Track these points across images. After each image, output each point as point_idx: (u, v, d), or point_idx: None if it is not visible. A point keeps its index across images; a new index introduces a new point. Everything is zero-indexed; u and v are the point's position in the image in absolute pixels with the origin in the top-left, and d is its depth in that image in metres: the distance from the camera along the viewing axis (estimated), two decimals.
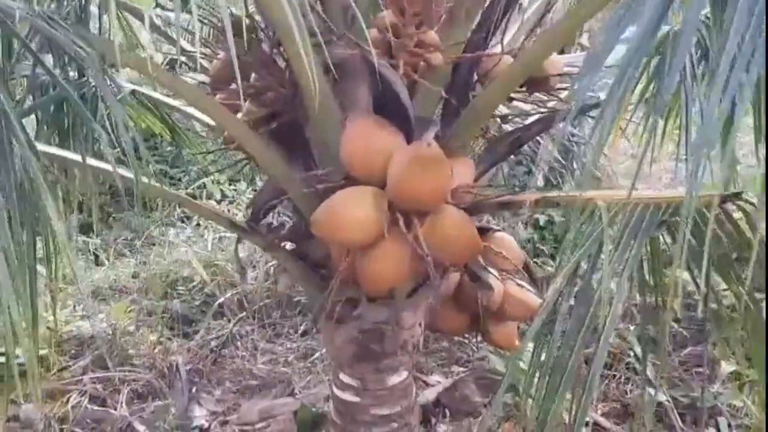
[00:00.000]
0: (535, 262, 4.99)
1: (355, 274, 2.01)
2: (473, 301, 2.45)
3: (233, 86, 2.29)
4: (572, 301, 1.62)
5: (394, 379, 2.53)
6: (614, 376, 3.64)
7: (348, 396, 2.57)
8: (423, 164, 1.74)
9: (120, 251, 5.31)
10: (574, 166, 3.85)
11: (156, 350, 3.64)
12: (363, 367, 2.48)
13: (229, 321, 4.25)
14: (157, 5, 3.03)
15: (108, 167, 2.25)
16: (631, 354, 3.57)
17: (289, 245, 2.46)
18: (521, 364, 3.04)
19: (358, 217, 1.82)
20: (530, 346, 3.56)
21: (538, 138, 3.05)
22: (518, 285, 2.52)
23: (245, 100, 2.19)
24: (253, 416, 3.06)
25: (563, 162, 4.06)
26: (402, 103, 1.91)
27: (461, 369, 3.67)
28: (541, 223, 5.67)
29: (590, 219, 1.60)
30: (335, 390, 2.60)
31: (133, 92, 2.94)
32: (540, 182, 5.61)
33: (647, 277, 1.77)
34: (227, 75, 2.27)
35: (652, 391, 2.75)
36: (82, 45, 1.38)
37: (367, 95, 2.15)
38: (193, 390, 3.50)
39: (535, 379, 1.78)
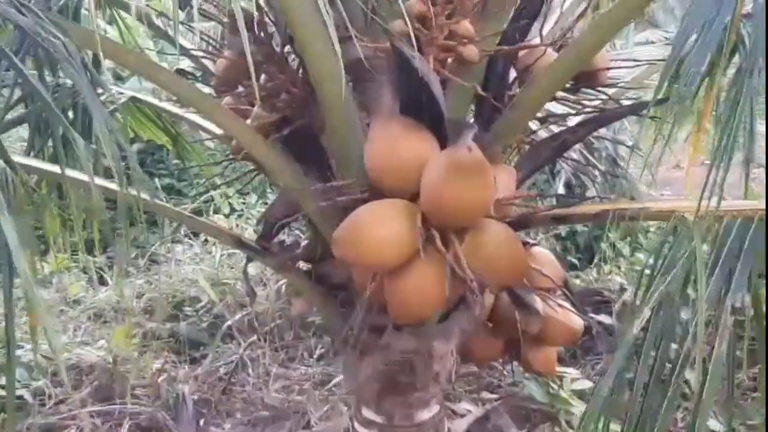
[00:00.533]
0: None
1: (380, 299, 1.75)
2: (510, 325, 2.19)
3: (240, 88, 2.03)
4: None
5: (425, 415, 2.26)
6: None
7: None
8: (463, 172, 1.48)
9: (125, 270, 5.06)
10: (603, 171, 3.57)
11: (160, 379, 3.38)
12: (390, 401, 2.21)
13: (240, 344, 3.98)
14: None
15: (109, 184, 2.01)
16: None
17: (304, 265, 2.19)
18: (562, 393, 2.75)
19: (388, 235, 1.56)
20: (568, 370, 3.30)
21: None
22: (560, 305, 2.27)
23: (253, 104, 1.94)
24: None
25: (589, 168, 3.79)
26: (434, 102, 1.65)
27: (491, 395, 3.39)
28: (563, 233, 5.38)
29: (675, 236, 1.33)
30: (356, 425, 2.33)
31: (133, 99, 2.69)
32: (560, 189, 5.33)
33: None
34: (234, 76, 2.02)
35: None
36: (56, 33, 1.13)
37: (392, 96, 1.90)
38: (201, 423, 3.23)
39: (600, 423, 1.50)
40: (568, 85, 2.05)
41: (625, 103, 2.24)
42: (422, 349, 2.10)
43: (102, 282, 5.09)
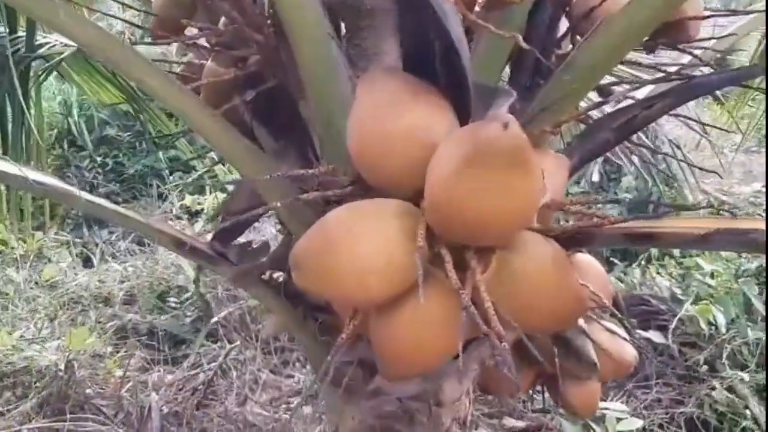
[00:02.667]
0: None
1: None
2: (545, 356, 1.66)
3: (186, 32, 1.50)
4: None
5: None
6: None
7: None
8: (494, 161, 0.92)
9: (112, 252, 4.59)
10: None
11: (126, 387, 2.88)
12: None
13: (230, 342, 3.47)
14: None
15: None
16: (748, 414, 2.72)
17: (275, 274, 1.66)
18: None
19: (373, 256, 1.01)
20: (610, 405, 2.74)
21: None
22: (608, 330, 1.75)
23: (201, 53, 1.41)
24: None
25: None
26: (453, 56, 1.09)
27: (516, 424, 2.85)
28: None
29: None
30: None
31: (80, 51, 2.16)
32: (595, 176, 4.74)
33: None
34: (177, 14, 1.47)
35: None
36: None
37: (395, 47, 1.36)
38: None
39: None
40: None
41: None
42: (428, 393, 1.58)
43: (87, 264, 4.64)
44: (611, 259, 4.33)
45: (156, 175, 6.49)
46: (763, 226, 0.93)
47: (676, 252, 4.07)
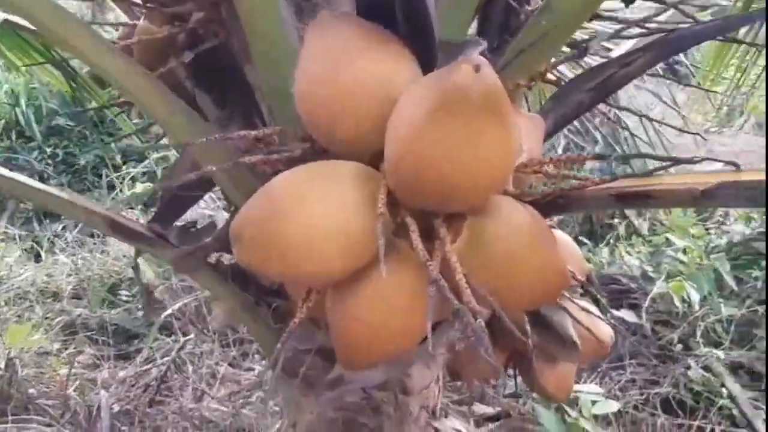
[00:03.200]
0: None
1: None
2: (519, 337, 1.54)
3: None
4: None
5: None
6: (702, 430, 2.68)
7: None
8: (464, 109, 0.79)
9: (62, 245, 4.36)
10: None
11: (73, 386, 2.69)
12: None
13: (184, 335, 3.29)
14: None
15: None
16: (724, 393, 2.65)
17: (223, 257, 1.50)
18: (582, 422, 2.11)
19: (327, 225, 0.87)
20: (584, 388, 2.64)
21: None
22: (584, 309, 1.64)
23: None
24: None
25: None
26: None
27: (486, 410, 2.74)
28: None
29: None
30: None
31: (7, 22, 1.97)
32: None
33: None
34: None
35: None
36: None
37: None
38: None
39: None
40: None
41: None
42: (394, 381, 1.45)
43: (38, 260, 4.42)
44: (579, 238, 4.25)
45: (109, 166, 6.25)
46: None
47: (645, 230, 4.01)
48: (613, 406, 2.41)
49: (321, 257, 0.87)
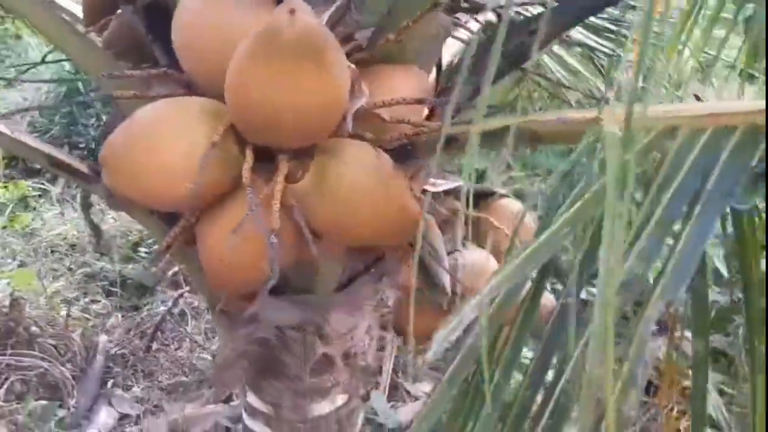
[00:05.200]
0: None
1: None
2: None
3: None
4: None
5: (324, 408, 1.70)
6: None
7: (258, 426, 1.76)
8: (279, 52, 0.88)
9: (101, 207, 4.60)
10: None
11: (78, 332, 2.89)
12: (274, 387, 1.66)
13: (192, 292, 3.46)
14: None
15: None
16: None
17: None
18: None
19: (170, 154, 0.97)
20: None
21: None
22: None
23: None
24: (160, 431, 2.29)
25: None
26: None
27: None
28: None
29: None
30: (244, 415, 1.80)
31: None
32: None
33: None
34: None
35: None
36: None
37: None
38: (109, 384, 2.75)
39: None
40: None
41: None
42: (310, 324, 1.54)
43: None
44: None
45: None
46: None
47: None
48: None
49: (166, 182, 0.98)
